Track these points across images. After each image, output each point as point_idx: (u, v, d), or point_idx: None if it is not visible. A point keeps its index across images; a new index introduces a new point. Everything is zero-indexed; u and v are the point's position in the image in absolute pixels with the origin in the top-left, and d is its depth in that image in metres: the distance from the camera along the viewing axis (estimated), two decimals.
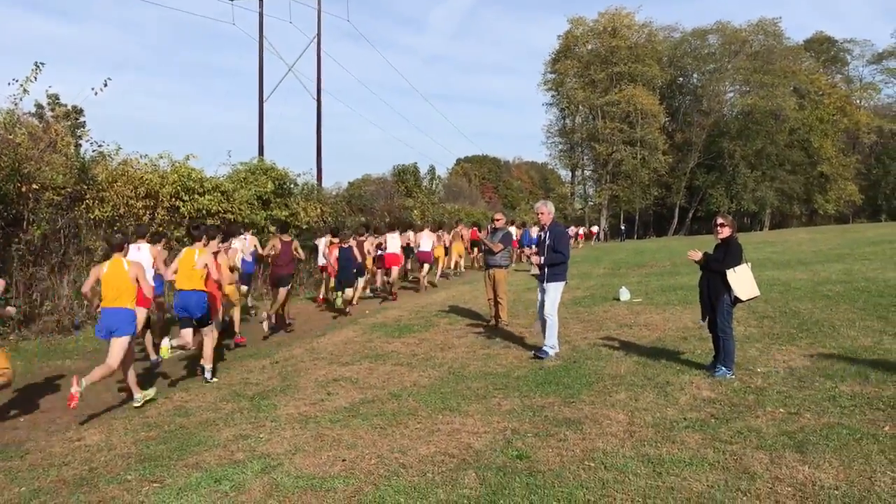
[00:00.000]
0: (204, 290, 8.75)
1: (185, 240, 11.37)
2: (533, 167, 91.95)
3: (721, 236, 7.66)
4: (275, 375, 8.89)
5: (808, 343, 8.75)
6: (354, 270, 14.60)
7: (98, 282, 7.59)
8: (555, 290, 9.03)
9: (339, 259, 14.36)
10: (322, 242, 16.87)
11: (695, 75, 74.30)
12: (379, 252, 17.63)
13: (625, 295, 14.04)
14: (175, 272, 8.85)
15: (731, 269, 7.40)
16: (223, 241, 10.81)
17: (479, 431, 6.04)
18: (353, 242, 14.62)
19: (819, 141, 68.65)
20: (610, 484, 4.75)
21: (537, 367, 8.50)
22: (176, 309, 8.91)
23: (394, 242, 17.59)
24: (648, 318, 11.53)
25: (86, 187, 13.79)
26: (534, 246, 9.47)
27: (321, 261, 16.94)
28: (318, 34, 28.26)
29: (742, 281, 7.43)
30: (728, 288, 7.42)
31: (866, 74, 79.97)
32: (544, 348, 9.06)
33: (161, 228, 14.05)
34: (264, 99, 26.66)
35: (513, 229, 24.01)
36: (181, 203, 15.64)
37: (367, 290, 17.37)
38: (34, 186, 12.39)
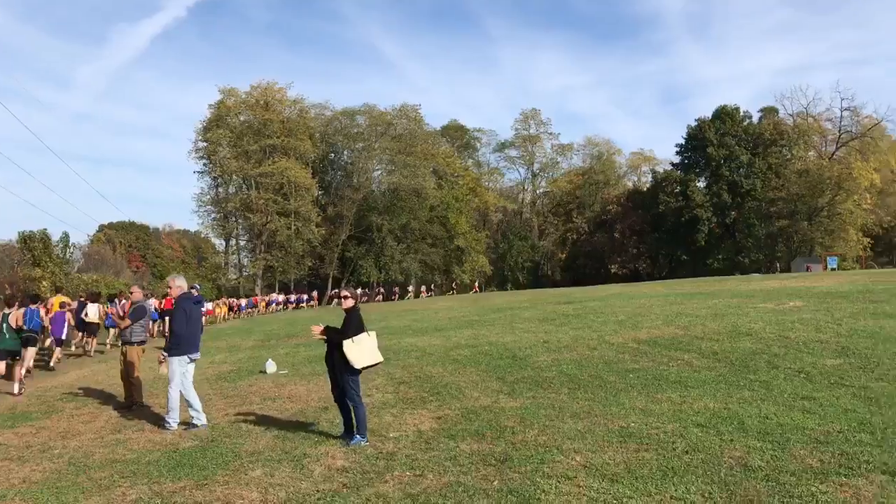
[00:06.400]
0: None
1: None
2: (185, 235, 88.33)
3: (344, 307, 8.02)
4: None
5: (437, 405, 9.36)
6: None
7: None
8: (172, 364, 9.17)
9: None
10: None
11: (345, 152, 78.06)
12: None
13: (271, 367, 13.88)
14: None
15: (350, 339, 7.68)
16: None
17: None
18: None
19: (455, 218, 76.06)
20: None
21: (171, 450, 7.95)
22: None
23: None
24: (293, 390, 11.48)
25: None
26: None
27: None
28: None
29: (359, 350, 7.71)
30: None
31: (492, 160, 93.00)
32: (165, 423, 9.18)
33: None
34: None
35: (152, 302, 22.46)
36: None
37: None
38: None
